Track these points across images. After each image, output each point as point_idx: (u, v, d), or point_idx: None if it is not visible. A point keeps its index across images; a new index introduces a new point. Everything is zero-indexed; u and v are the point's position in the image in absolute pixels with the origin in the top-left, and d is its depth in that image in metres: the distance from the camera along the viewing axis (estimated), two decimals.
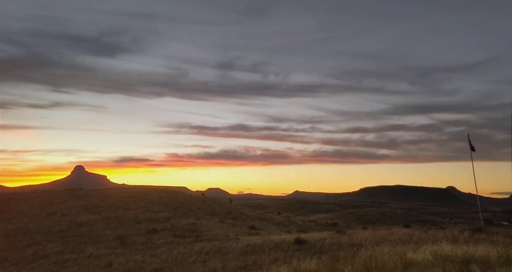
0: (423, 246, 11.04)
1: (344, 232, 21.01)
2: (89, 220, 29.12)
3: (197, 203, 42.84)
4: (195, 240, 21.58)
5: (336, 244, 16.20)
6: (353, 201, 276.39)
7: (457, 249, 9.56)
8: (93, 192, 45.95)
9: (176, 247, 19.54)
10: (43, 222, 28.30)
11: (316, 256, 12.00)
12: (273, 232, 29.45)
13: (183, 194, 51.30)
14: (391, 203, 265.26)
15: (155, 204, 38.24)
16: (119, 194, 43.80)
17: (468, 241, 12.20)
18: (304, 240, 17.37)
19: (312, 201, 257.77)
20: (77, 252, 19.13)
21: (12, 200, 38.18)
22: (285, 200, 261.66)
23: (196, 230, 26.23)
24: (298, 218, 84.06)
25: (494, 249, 8.98)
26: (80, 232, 24.91)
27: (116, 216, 30.61)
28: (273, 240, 18.49)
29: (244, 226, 31.09)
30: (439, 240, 12.69)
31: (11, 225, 27.03)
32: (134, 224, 27.79)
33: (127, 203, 37.73)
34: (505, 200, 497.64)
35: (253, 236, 23.53)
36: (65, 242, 22.02)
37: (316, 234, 22.02)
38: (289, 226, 40.77)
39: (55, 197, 40.26)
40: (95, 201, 38.36)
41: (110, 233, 24.39)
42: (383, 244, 13.60)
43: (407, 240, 15.39)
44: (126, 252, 18.84)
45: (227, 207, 45.83)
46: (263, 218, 44.69)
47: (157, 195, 45.40)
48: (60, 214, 31.39)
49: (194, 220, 30.79)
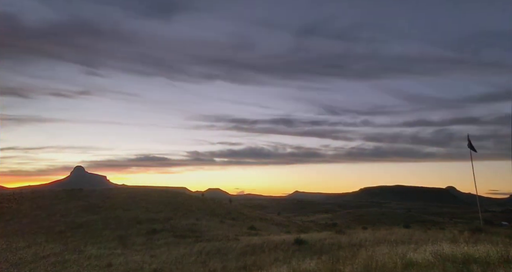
0: (423, 246, 11.04)
1: (344, 232, 21.02)
2: (89, 220, 29.11)
3: (197, 203, 42.82)
4: (195, 240, 21.57)
5: (336, 244, 16.19)
6: (353, 201, 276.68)
7: (457, 249, 9.56)
8: (92, 192, 45.96)
9: (176, 247, 19.53)
10: (43, 222, 28.29)
11: (316, 257, 12.01)
12: (273, 232, 29.43)
13: (183, 195, 51.27)
14: (391, 203, 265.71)
15: (155, 204, 38.21)
16: (118, 195, 43.80)
17: (468, 241, 12.19)
18: (304, 240, 17.36)
19: (312, 201, 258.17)
20: (77, 253, 19.13)
21: (11, 201, 38.18)
22: (284, 200, 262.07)
23: (196, 231, 26.22)
24: (297, 219, 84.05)
25: (494, 249, 8.98)
26: (80, 233, 24.92)
27: (116, 217, 30.61)
28: (273, 241, 18.49)
29: (243, 227, 31.06)
30: (439, 240, 12.69)
31: (10, 226, 27.03)
32: (134, 225, 27.79)
33: (127, 203, 37.73)
34: (505, 200, 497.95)
35: (253, 236, 23.51)
36: (64, 243, 22.02)
37: (316, 234, 22.01)
38: (289, 226, 40.73)
39: (54, 198, 40.27)
40: (94, 201, 38.36)
41: (110, 234, 24.39)
42: (383, 244, 13.61)
43: (407, 240, 15.38)
44: (126, 253, 18.84)
45: (227, 207, 45.81)
46: (262, 218, 44.66)
47: (157, 195, 45.38)
48: (59, 214, 31.39)
49: (194, 221, 30.77)
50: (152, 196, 43.81)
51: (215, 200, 55.77)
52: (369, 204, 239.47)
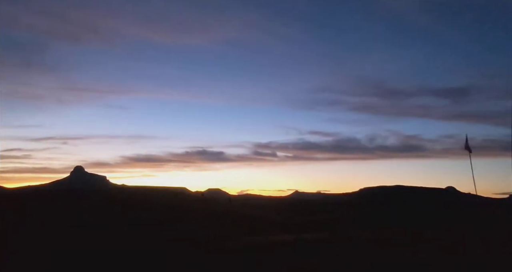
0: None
1: (345, 233, 20.98)
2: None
3: (197, 203, 42.78)
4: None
5: (336, 245, 16.15)
6: (353, 201, 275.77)
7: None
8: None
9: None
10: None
11: (316, 257, 11.98)
12: (273, 232, 29.38)
13: (183, 195, 51.27)
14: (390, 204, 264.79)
15: (154, 205, 38.14)
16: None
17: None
18: (304, 240, 17.33)
19: (312, 200, 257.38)
20: None
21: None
22: (284, 200, 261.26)
23: (195, 231, 26.14)
24: (298, 219, 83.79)
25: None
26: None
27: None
28: (273, 241, 18.44)
29: (243, 227, 31.01)
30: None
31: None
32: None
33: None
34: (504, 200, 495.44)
35: (253, 236, 23.47)
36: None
37: (316, 235, 21.97)
38: (289, 227, 40.68)
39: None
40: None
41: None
42: (383, 244, 13.57)
43: (406, 240, 15.35)
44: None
45: (227, 207, 45.76)
46: (263, 218, 44.60)
47: (157, 195, 45.35)
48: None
49: (193, 221, 30.69)
50: (152, 197, 43.68)
51: (215, 199, 55.72)
52: (369, 204, 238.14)
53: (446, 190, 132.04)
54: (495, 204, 73.32)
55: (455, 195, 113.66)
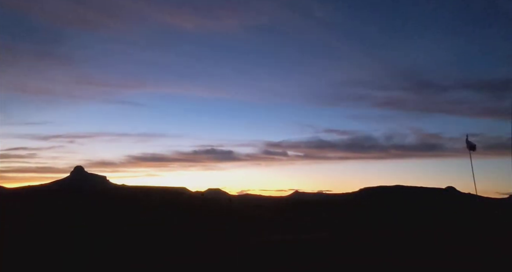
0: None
1: (345, 232, 20.94)
2: None
3: (196, 203, 42.72)
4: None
5: (336, 245, 16.11)
6: (353, 201, 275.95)
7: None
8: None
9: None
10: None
11: (316, 257, 11.93)
12: (273, 232, 29.32)
13: (183, 195, 51.21)
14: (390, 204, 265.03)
15: (153, 205, 38.09)
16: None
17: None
18: (304, 240, 17.28)
19: (313, 200, 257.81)
20: None
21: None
22: (285, 200, 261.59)
23: (195, 231, 26.08)
24: (298, 218, 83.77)
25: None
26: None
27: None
28: (273, 241, 18.39)
29: (243, 227, 30.94)
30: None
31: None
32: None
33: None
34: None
35: (253, 236, 23.41)
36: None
37: (316, 235, 21.93)
38: (289, 227, 40.62)
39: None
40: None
41: None
42: (383, 244, 13.53)
43: (406, 240, 15.31)
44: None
45: (227, 207, 45.68)
46: (263, 218, 44.53)
47: (157, 195, 45.27)
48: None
49: (193, 221, 30.65)
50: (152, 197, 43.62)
51: (215, 199, 55.66)
52: (369, 204, 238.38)
53: (446, 190, 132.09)
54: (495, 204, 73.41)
55: (455, 195, 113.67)
